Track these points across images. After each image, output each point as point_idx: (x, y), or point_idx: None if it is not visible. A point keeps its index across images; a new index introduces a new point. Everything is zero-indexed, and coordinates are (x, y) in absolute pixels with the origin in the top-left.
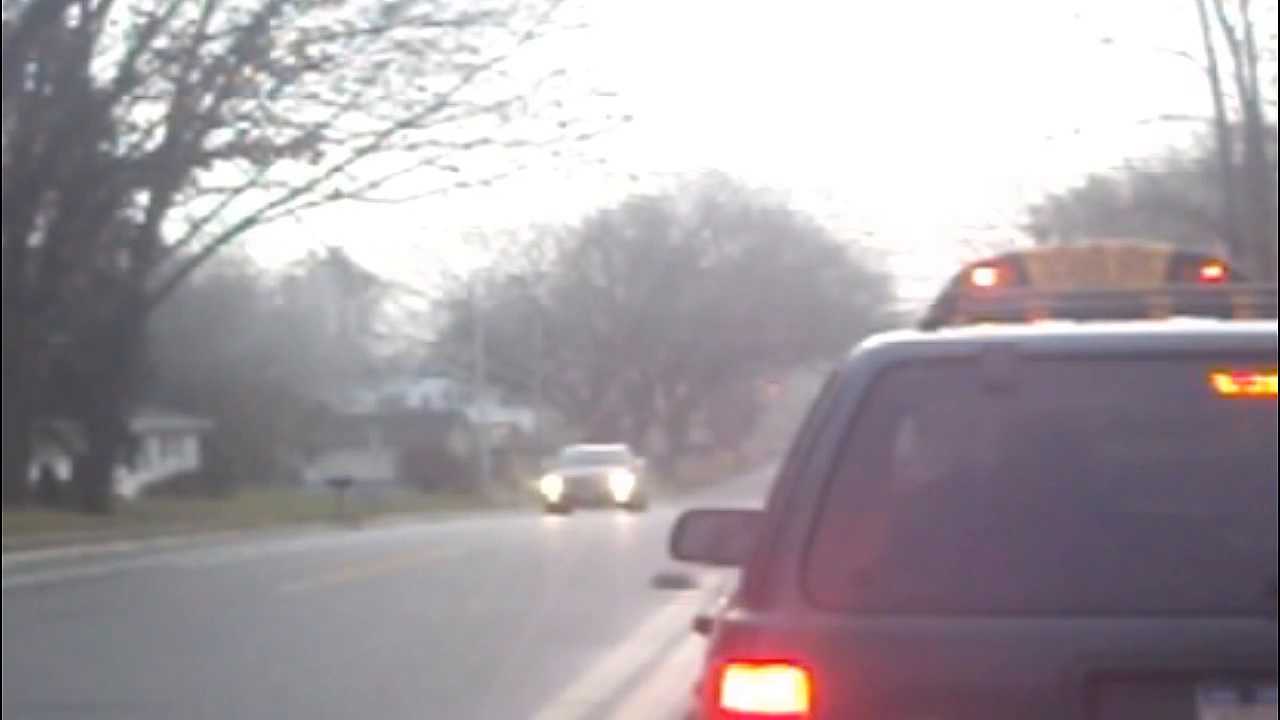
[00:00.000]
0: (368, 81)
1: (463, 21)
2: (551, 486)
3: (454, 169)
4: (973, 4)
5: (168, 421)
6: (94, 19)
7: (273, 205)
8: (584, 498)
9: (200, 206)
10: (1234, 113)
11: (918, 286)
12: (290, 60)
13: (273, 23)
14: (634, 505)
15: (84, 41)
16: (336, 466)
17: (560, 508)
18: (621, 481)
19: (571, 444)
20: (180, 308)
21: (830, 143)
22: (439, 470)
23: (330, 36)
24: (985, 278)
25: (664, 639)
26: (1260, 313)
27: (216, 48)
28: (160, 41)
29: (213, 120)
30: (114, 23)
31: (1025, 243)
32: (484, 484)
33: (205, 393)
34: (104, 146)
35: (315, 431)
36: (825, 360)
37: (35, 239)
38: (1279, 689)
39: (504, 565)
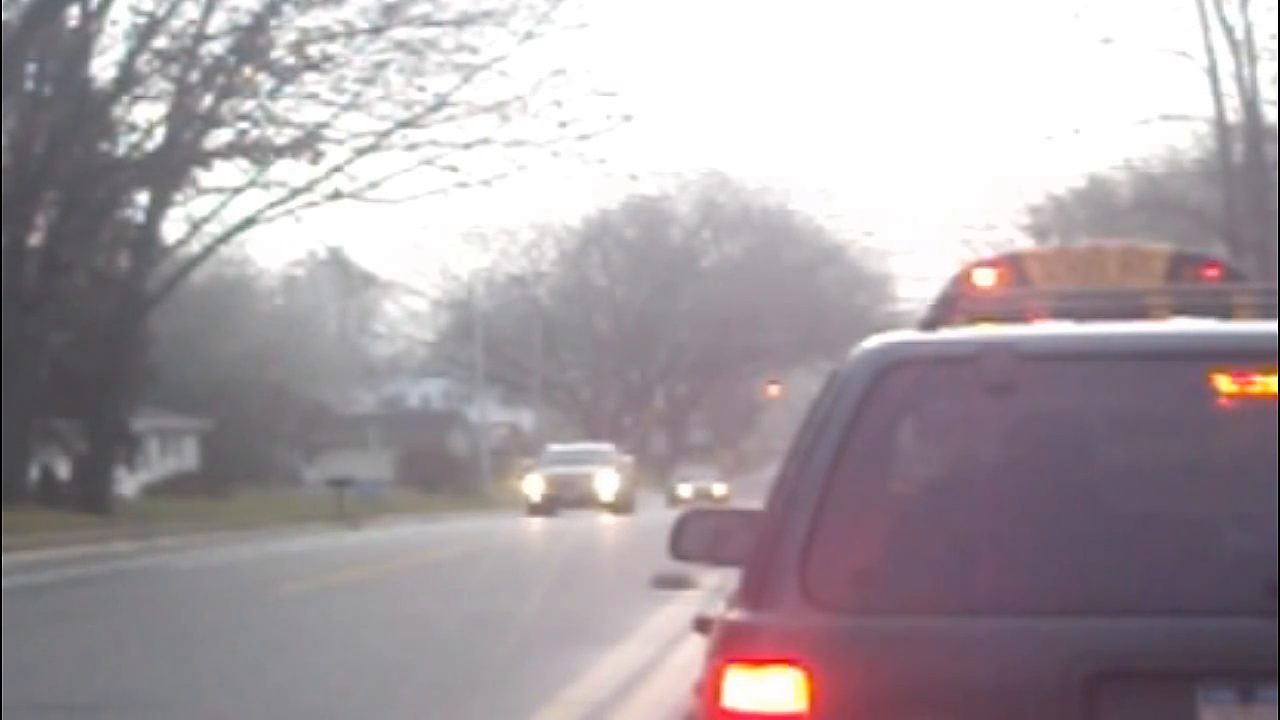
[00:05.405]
0: (368, 81)
1: (463, 21)
2: (534, 486)
3: (454, 169)
4: (973, 4)
5: (168, 421)
6: (94, 19)
7: (273, 205)
8: (567, 498)
9: (200, 206)
10: (1234, 113)
11: (918, 286)
12: (290, 60)
13: (273, 23)
14: (619, 506)
15: (84, 41)
16: (336, 466)
17: (543, 508)
18: (607, 481)
19: (569, 443)
20: (180, 308)
21: (830, 143)
22: (439, 470)
23: (330, 36)
24: (985, 278)
25: (664, 639)
26: (1260, 313)
27: (216, 48)
28: (160, 41)
29: (213, 120)
30: (114, 23)
31: (1025, 243)
32: (484, 484)
33: (205, 393)
34: (104, 146)
35: (315, 431)
36: (825, 360)
37: (35, 239)
38: (1279, 689)
39: (503, 566)
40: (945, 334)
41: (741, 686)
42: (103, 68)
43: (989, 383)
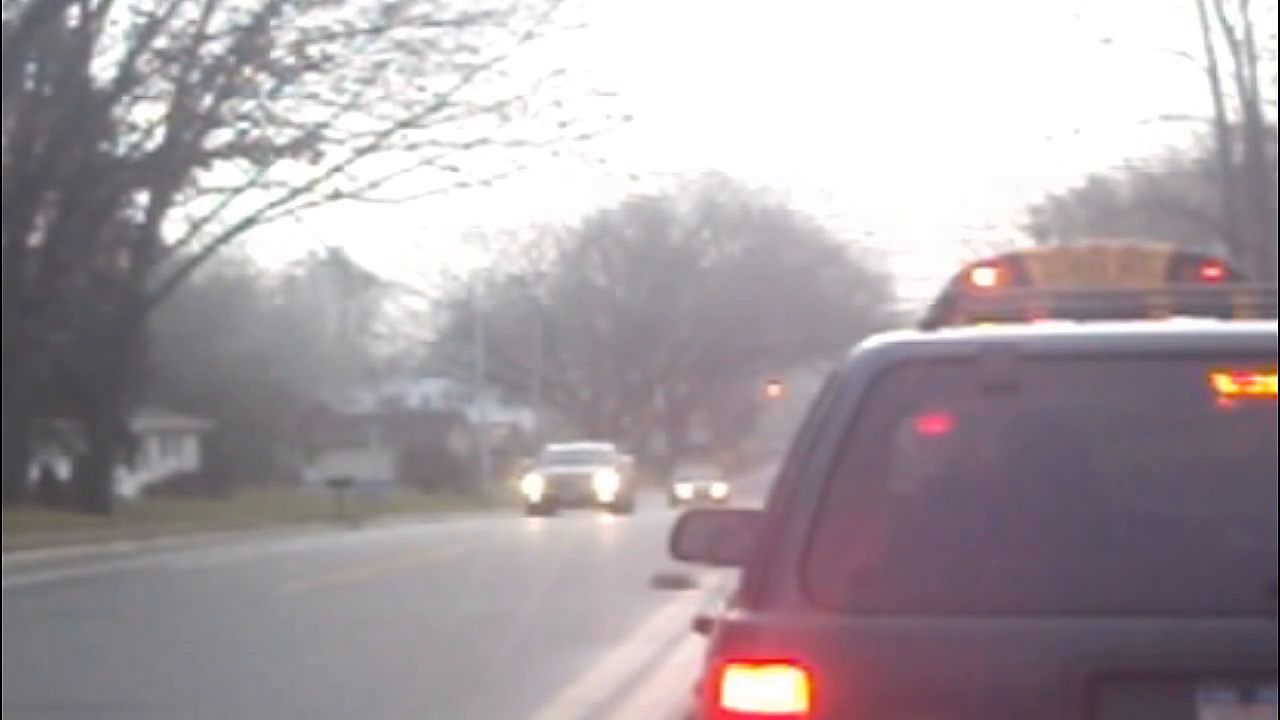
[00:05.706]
0: (368, 81)
1: (463, 21)
2: (533, 486)
3: (454, 169)
4: (973, 4)
5: (168, 421)
6: (94, 19)
7: (273, 205)
8: (566, 498)
9: (200, 206)
10: (1234, 113)
11: (918, 286)
12: (290, 60)
13: (273, 23)
14: (619, 506)
15: (84, 41)
16: (336, 466)
17: (542, 508)
18: (606, 481)
19: (568, 443)
20: (180, 308)
21: (830, 143)
22: (439, 470)
23: (330, 36)
24: (985, 278)
25: (664, 639)
26: (1260, 313)
27: (216, 48)
28: (160, 41)
29: (213, 120)
30: (114, 23)
31: (1025, 243)
32: (484, 484)
33: (205, 393)
34: (104, 146)
35: (315, 431)
36: (825, 360)
37: (35, 239)
38: (1279, 689)
39: (503, 566)
40: (945, 334)
41: (741, 686)
42: (103, 68)
43: (989, 383)
